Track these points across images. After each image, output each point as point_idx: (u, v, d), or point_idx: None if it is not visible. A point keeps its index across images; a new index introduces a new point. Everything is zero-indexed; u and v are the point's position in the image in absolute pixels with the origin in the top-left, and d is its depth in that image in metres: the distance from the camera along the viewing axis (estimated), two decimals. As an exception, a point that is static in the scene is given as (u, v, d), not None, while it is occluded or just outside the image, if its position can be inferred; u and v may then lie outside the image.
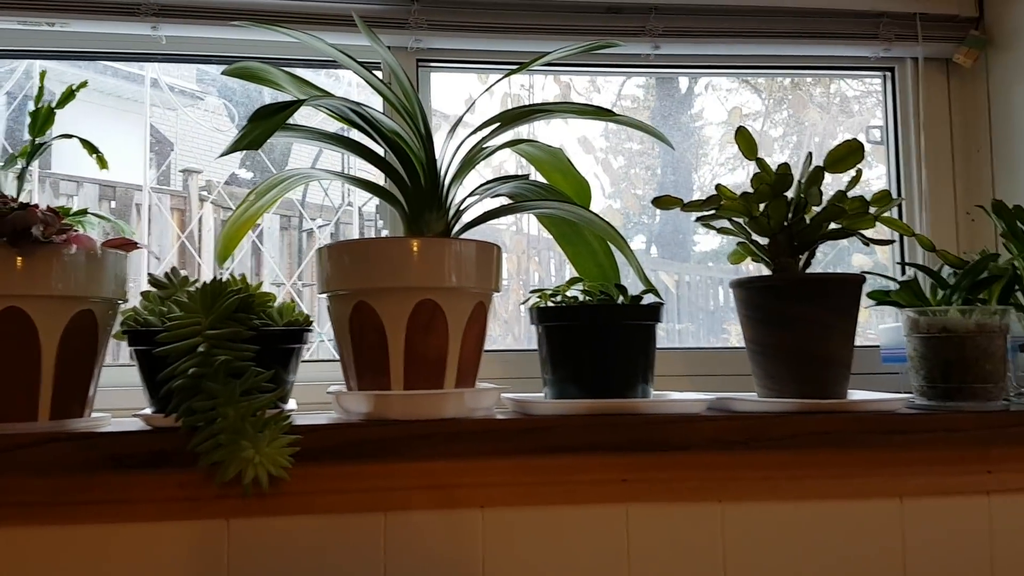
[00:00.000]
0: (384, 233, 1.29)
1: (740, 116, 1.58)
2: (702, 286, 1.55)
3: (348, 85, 1.46)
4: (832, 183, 1.08)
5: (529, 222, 1.58)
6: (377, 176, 1.23)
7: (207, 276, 1.10)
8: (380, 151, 1.02)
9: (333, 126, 1.16)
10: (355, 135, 1.06)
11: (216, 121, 1.44)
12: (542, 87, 1.53)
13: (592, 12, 1.29)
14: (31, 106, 0.99)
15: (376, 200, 1.51)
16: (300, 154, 1.53)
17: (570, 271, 1.50)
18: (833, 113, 1.56)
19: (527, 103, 1.50)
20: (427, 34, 1.26)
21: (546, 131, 1.39)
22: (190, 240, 1.46)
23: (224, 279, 0.88)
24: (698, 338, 1.38)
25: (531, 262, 1.53)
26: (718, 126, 1.54)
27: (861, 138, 1.52)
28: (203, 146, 1.51)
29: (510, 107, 1.45)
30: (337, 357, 1.35)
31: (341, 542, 0.92)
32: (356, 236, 1.48)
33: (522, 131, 1.13)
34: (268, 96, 1.43)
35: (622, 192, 1.48)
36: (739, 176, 1.60)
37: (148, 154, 1.42)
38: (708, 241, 1.59)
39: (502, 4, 1.28)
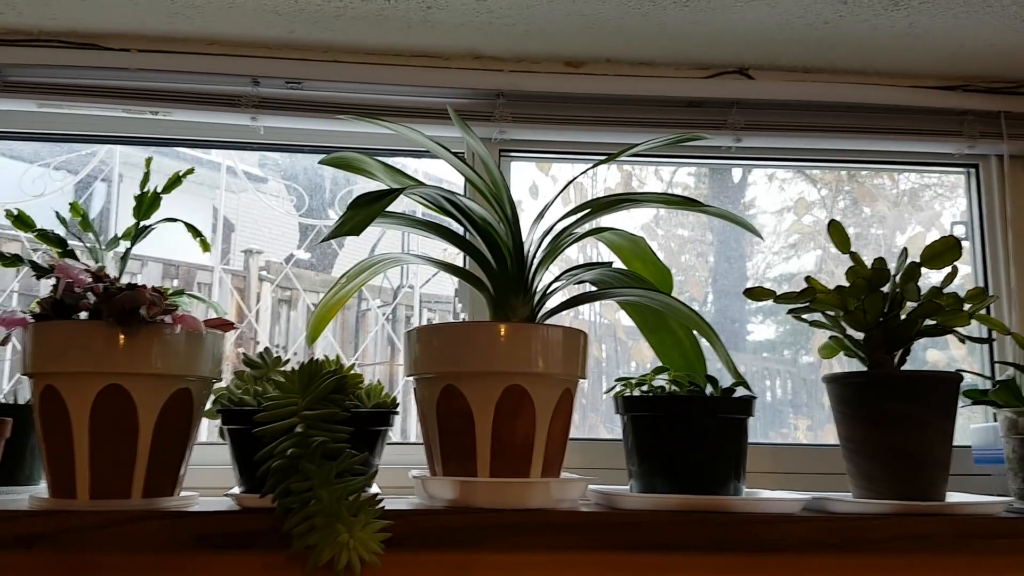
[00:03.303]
0: (463, 317, 1.30)
1: (806, 206, 1.57)
2: (757, 377, 1.53)
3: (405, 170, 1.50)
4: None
5: (591, 309, 1.57)
6: (447, 259, 1.24)
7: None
8: (466, 237, 1.04)
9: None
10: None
11: (281, 205, 1.48)
12: (604, 179, 1.54)
13: (674, 106, 1.31)
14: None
15: (435, 283, 1.53)
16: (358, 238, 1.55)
17: (635, 360, 1.48)
18: (902, 206, 1.55)
19: (590, 190, 1.52)
20: (511, 126, 1.29)
21: (606, 219, 1.41)
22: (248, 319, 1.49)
23: (319, 360, 0.88)
24: (755, 431, 1.35)
25: (593, 347, 1.53)
26: (772, 215, 1.54)
27: (935, 233, 1.50)
28: (264, 227, 1.54)
29: (572, 194, 1.48)
30: (406, 440, 1.36)
31: (420, 633, 0.90)
32: (416, 319, 1.49)
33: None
34: (328, 182, 1.47)
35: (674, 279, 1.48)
36: (792, 266, 1.58)
37: (219, 236, 1.46)
38: (762, 331, 1.56)
39: (584, 98, 1.31)
